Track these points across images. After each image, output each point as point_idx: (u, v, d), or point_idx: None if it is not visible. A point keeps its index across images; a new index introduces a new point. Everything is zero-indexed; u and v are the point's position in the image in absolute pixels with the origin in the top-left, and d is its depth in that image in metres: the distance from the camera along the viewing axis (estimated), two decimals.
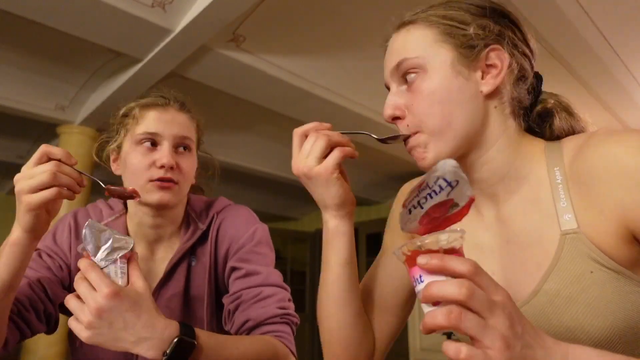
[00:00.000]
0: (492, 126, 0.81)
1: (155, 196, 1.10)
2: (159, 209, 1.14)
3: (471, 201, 0.59)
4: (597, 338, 0.70)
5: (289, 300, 1.17)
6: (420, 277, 0.58)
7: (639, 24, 3.09)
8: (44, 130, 4.52)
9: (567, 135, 0.87)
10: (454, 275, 0.55)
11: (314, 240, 8.36)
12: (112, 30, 2.88)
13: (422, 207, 0.60)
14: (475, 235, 0.87)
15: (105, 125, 1.26)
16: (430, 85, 0.78)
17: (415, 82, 0.79)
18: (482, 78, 0.80)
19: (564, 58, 3.36)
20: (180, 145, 1.16)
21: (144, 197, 1.11)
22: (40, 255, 1.14)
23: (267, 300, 1.12)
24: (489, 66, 0.80)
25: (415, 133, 0.80)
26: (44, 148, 0.89)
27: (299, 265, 8.16)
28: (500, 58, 0.80)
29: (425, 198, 0.59)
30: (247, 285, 1.14)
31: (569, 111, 0.89)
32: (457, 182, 0.57)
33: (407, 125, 0.81)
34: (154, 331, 0.83)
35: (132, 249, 0.87)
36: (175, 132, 1.14)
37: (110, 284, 0.80)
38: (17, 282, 0.93)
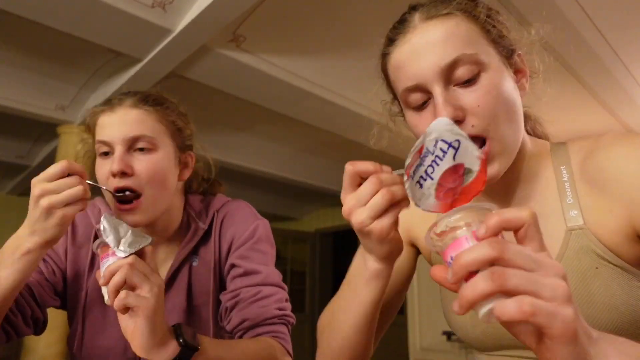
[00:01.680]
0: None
1: (124, 219, 1.03)
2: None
3: (484, 163, 0.55)
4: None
5: (287, 300, 1.16)
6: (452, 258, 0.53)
7: (639, 25, 3.09)
8: (44, 130, 4.53)
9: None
10: (517, 227, 0.50)
11: (314, 241, 8.36)
12: (112, 30, 2.88)
13: (432, 178, 0.55)
14: None
15: None
16: (495, 84, 0.72)
17: (480, 81, 0.72)
18: (517, 82, 0.79)
19: (564, 59, 3.36)
20: (135, 146, 1.04)
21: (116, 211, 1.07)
22: None
23: (265, 300, 1.11)
24: (517, 71, 0.80)
25: (480, 137, 0.72)
26: (65, 164, 0.89)
27: (299, 266, 8.16)
28: (524, 62, 0.80)
29: (432, 166, 0.55)
30: (246, 283, 1.13)
31: (529, 119, 0.93)
32: (458, 141, 0.54)
33: (472, 126, 0.71)
34: None
35: (150, 243, 0.88)
36: (125, 133, 1.02)
37: None
38: (19, 289, 0.92)
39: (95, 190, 0.96)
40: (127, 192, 1.02)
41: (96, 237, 1.15)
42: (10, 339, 1.02)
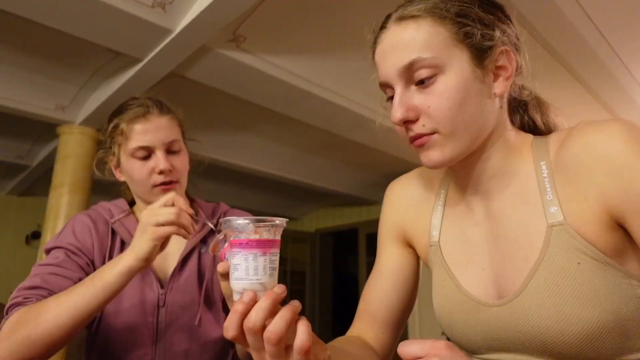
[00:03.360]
0: (497, 126, 0.83)
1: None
2: None
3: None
4: (586, 330, 0.70)
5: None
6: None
7: (639, 24, 3.08)
8: (44, 130, 4.51)
9: (529, 127, 0.92)
10: None
11: (314, 241, 8.36)
12: (112, 30, 2.87)
13: None
14: (465, 230, 0.89)
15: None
16: (450, 87, 0.76)
17: (434, 84, 0.77)
18: (494, 80, 0.81)
19: (563, 58, 3.34)
20: (170, 149, 1.26)
21: (153, 199, 1.20)
22: (68, 255, 1.18)
23: None
24: (499, 68, 0.81)
25: (432, 134, 0.78)
26: (171, 195, 1.05)
27: (299, 266, 8.15)
28: (509, 60, 0.81)
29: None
30: None
31: (541, 106, 0.94)
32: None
33: (423, 125, 0.78)
34: None
35: None
36: (163, 139, 1.24)
37: None
38: (107, 301, 1.03)
39: (96, 190, 1.01)
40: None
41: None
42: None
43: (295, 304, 0.68)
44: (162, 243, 1.03)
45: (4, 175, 6.01)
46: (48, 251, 1.20)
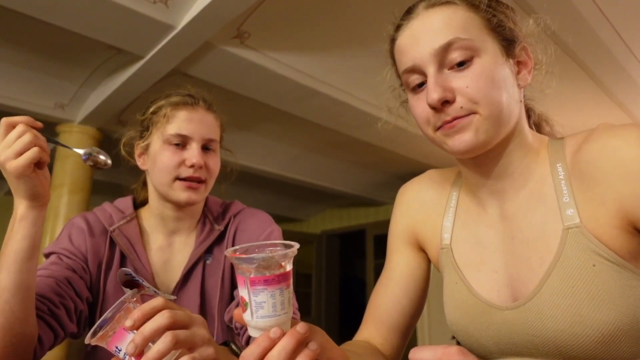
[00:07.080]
0: (520, 119, 0.84)
1: (183, 195, 1.18)
2: (184, 206, 1.22)
3: None
4: (601, 333, 0.71)
5: (297, 308, 1.21)
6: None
7: None
8: (43, 130, 4.47)
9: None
10: None
11: (321, 242, 8.33)
12: (114, 27, 2.85)
13: None
14: (478, 232, 0.89)
15: (106, 125, 1.26)
16: (487, 69, 0.77)
17: (472, 66, 0.78)
18: (518, 73, 0.84)
19: (577, 55, 3.34)
20: (207, 146, 1.22)
21: (171, 194, 1.19)
22: (60, 258, 1.14)
23: None
24: (519, 63, 0.84)
25: (468, 115, 0.78)
26: (6, 120, 0.92)
27: (305, 268, 8.11)
28: (529, 55, 0.85)
29: None
30: None
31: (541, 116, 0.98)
32: None
33: (461, 108, 0.77)
34: None
35: None
36: (204, 133, 1.21)
37: None
38: (36, 253, 0.93)
39: (97, 191, 0.95)
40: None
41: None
42: (57, 336, 1.03)
43: (314, 348, 0.65)
44: (37, 167, 0.94)
45: (3, 175, 6.01)
46: (46, 255, 1.17)
